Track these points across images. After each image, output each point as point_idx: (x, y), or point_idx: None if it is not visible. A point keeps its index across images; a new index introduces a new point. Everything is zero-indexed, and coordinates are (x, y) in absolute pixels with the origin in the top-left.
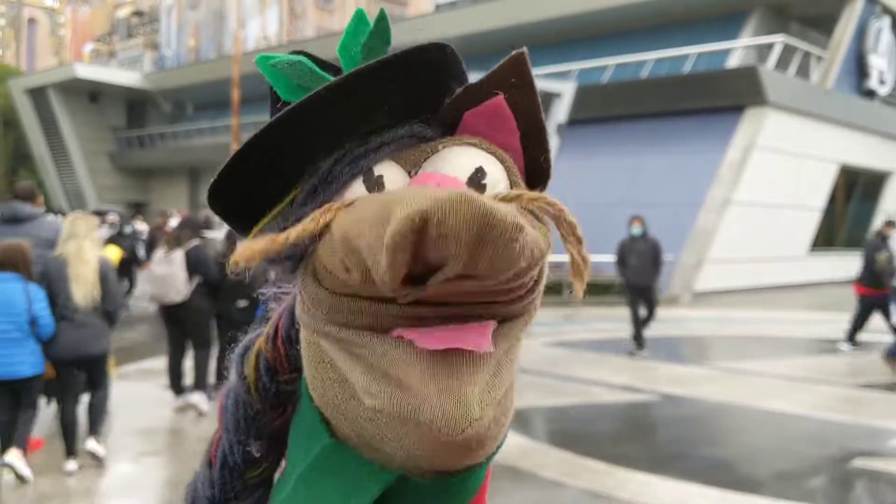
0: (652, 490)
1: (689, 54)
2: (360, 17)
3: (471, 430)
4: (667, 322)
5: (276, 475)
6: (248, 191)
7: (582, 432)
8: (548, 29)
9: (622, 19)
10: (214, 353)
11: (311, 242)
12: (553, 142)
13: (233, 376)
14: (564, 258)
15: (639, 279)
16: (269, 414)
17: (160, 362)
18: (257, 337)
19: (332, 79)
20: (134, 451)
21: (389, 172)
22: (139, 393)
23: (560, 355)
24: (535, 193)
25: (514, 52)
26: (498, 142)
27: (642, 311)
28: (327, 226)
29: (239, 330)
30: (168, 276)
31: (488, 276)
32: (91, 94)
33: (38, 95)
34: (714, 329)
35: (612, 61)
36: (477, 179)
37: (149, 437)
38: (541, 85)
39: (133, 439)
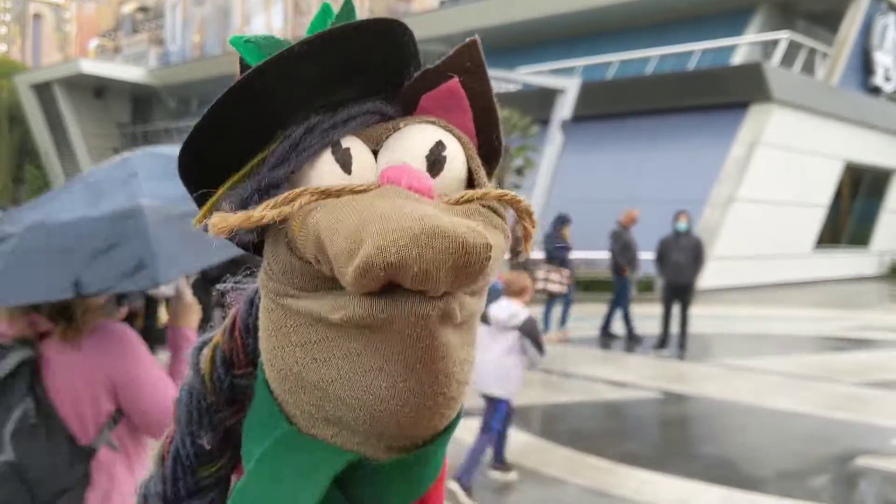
0: (654, 488)
1: (694, 51)
2: (325, 9)
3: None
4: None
5: (234, 480)
6: (215, 150)
7: (585, 429)
8: (552, 25)
9: (626, 15)
10: None
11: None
12: (557, 138)
13: (188, 371)
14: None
15: (679, 277)
16: (223, 409)
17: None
18: (215, 333)
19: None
20: None
21: (355, 147)
22: None
23: (563, 352)
24: (502, 192)
25: (467, 39)
26: (453, 122)
27: (675, 311)
28: (300, 210)
29: None
30: None
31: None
32: (96, 90)
33: (43, 91)
34: (718, 326)
35: (616, 58)
36: (437, 152)
37: None
38: (545, 81)
39: None
